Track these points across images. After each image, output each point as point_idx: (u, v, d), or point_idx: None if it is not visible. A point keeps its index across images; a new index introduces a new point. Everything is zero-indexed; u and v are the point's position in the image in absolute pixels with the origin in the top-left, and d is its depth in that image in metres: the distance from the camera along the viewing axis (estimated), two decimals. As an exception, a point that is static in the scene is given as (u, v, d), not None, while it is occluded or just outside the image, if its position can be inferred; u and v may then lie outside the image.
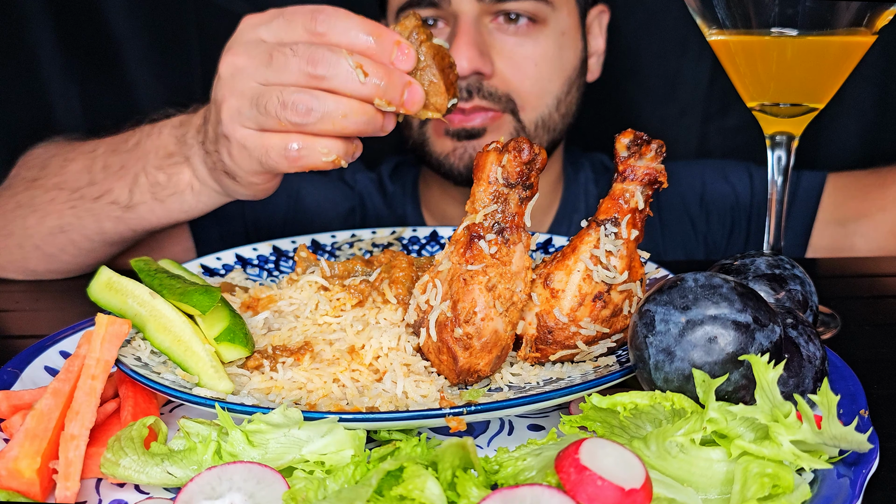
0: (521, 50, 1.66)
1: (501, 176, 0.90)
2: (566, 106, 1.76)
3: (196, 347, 0.92)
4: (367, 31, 1.05)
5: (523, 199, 0.91)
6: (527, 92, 1.68)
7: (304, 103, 1.04)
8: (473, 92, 1.64)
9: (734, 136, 2.15)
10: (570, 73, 1.75)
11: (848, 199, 1.78)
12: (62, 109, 2.04)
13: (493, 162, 0.90)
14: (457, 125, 1.68)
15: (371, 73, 1.04)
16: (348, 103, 1.05)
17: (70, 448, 0.79)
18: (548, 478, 0.72)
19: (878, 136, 2.12)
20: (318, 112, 1.05)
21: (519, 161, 0.89)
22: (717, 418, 0.74)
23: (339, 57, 1.04)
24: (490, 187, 0.90)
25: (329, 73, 1.04)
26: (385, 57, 1.06)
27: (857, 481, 0.75)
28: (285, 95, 1.05)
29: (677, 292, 0.80)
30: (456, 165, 1.72)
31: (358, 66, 1.03)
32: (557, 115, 1.74)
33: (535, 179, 0.91)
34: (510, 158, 0.89)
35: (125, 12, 2.02)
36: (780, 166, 1.20)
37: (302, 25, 1.07)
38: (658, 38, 2.12)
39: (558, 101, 1.73)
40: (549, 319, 0.92)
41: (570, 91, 1.76)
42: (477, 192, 0.91)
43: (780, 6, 1.08)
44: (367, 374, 0.92)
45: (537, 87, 1.69)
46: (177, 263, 1.12)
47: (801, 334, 0.86)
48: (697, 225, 1.91)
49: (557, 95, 1.72)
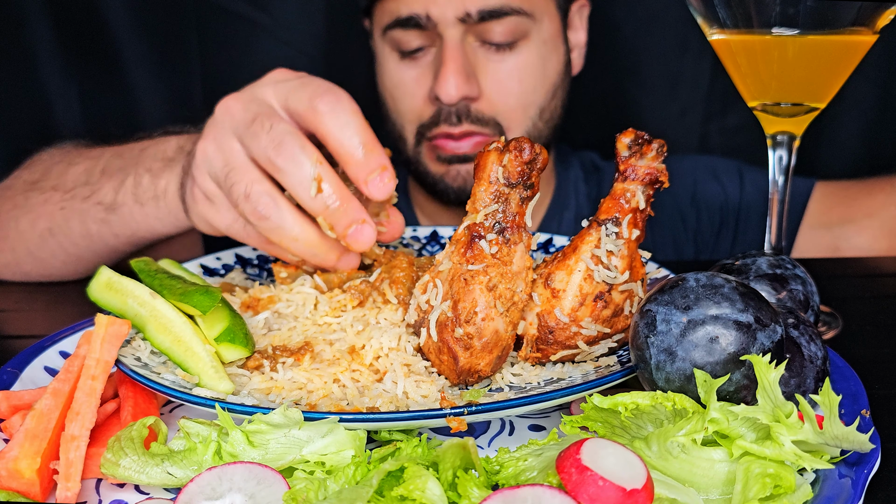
0: (504, 66, 1.69)
1: (502, 176, 0.90)
2: (550, 112, 1.78)
3: (196, 348, 0.92)
4: (361, 139, 1.02)
5: (524, 199, 0.91)
6: (511, 109, 1.71)
7: (264, 207, 1.03)
8: (462, 116, 1.68)
9: (735, 135, 2.15)
10: (554, 79, 1.77)
11: (835, 205, 1.81)
12: (62, 110, 2.04)
13: (493, 161, 0.90)
14: (448, 152, 1.72)
15: (325, 193, 1.01)
16: (303, 230, 1.04)
17: (71, 448, 0.78)
18: (549, 478, 0.72)
19: (879, 135, 2.12)
20: (274, 222, 1.03)
21: (520, 161, 0.89)
22: (719, 418, 0.74)
23: (303, 158, 1.01)
24: (491, 187, 0.90)
25: (286, 169, 1.02)
26: (362, 173, 1.02)
27: (859, 481, 0.75)
28: (252, 188, 1.03)
29: (678, 292, 0.80)
30: (451, 186, 1.76)
31: (316, 180, 1.00)
32: (542, 123, 1.77)
33: (535, 179, 0.90)
34: (511, 158, 0.89)
35: (125, 13, 2.02)
36: (781, 166, 1.19)
37: (308, 95, 1.04)
38: (659, 38, 2.12)
39: (541, 109, 1.76)
40: (550, 319, 0.92)
41: (555, 96, 1.78)
42: (478, 191, 0.91)
43: (782, 6, 1.08)
44: (367, 374, 0.92)
45: (521, 102, 1.72)
46: (177, 263, 1.12)
47: (803, 334, 0.86)
48: (688, 222, 1.91)
49: (540, 105, 1.75)
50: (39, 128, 2.06)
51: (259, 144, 1.03)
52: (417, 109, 1.75)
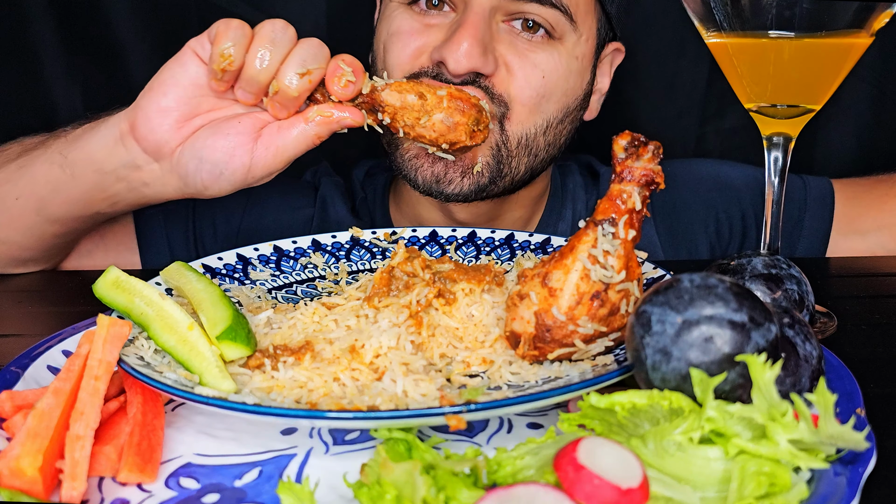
0: (533, 56, 1.47)
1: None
2: (554, 135, 1.57)
3: (202, 347, 0.93)
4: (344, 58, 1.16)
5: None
6: (525, 100, 1.48)
7: (238, 23, 1.17)
8: (470, 85, 1.44)
9: (731, 137, 2.16)
10: (571, 102, 1.57)
11: (866, 209, 1.72)
12: (65, 110, 2.04)
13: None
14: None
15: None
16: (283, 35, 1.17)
17: (76, 448, 0.79)
18: (546, 476, 0.72)
19: (875, 137, 2.12)
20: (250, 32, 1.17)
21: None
22: (715, 417, 0.75)
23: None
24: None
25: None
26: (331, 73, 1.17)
27: (854, 480, 0.75)
28: (227, 20, 1.16)
29: (673, 293, 0.81)
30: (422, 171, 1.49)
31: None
32: (542, 141, 1.54)
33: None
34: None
35: (128, 13, 2.02)
36: (776, 167, 1.20)
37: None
38: (656, 40, 2.12)
39: (548, 125, 1.53)
40: (548, 318, 0.93)
41: (564, 121, 1.57)
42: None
43: (778, 8, 1.08)
44: (366, 372, 0.93)
45: (535, 100, 1.49)
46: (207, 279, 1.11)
47: (798, 334, 0.87)
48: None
49: (549, 119, 1.53)
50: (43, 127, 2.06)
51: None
52: (406, 62, 1.49)
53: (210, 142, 1.21)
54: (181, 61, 1.21)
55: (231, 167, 1.21)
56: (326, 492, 0.81)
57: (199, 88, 1.21)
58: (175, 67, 1.21)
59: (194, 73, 1.20)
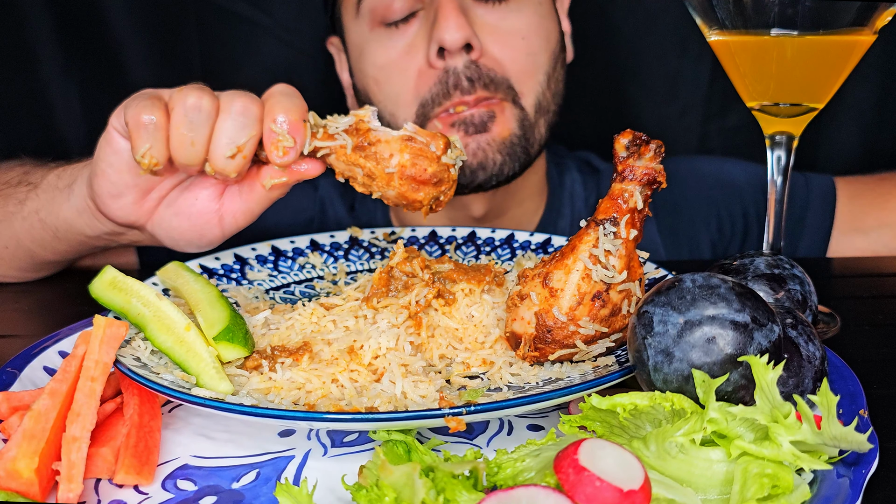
0: (506, 24, 1.57)
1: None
2: (555, 83, 1.66)
3: (199, 349, 0.93)
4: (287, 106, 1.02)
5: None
6: (521, 69, 1.58)
7: (198, 94, 1.02)
8: (475, 80, 1.53)
9: (734, 136, 2.15)
10: (554, 45, 1.66)
11: (868, 207, 1.73)
12: (62, 110, 2.04)
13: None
14: (464, 116, 1.56)
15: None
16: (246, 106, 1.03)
17: (72, 450, 0.79)
18: (547, 478, 0.72)
19: (878, 135, 2.12)
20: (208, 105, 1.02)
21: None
22: (717, 418, 0.74)
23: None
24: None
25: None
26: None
27: (857, 481, 0.75)
28: (184, 89, 1.03)
29: (675, 293, 0.80)
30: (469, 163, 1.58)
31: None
32: (549, 94, 1.64)
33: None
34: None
35: (126, 13, 2.02)
36: (779, 166, 1.20)
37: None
38: (658, 39, 2.12)
39: (548, 76, 1.63)
40: (548, 318, 0.92)
41: (556, 67, 1.67)
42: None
43: (780, 6, 1.08)
44: (365, 374, 0.92)
45: (529, 63, 1.59)
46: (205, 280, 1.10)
47: (801, 334, 0.86)
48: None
49: (547, 71, 1.62)
50: (40, 128, 2.06)
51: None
52: (413, 86, 1.57)
53: (175, 223, 1.15)
54: (111, 143, 1.10)
55: (206, 239, 1.16)
56: (324, 494, 0.80)
57: (138, 167, 1.10)
58: (107, 150, 1.11)
59: (127, 154, 1.09)
